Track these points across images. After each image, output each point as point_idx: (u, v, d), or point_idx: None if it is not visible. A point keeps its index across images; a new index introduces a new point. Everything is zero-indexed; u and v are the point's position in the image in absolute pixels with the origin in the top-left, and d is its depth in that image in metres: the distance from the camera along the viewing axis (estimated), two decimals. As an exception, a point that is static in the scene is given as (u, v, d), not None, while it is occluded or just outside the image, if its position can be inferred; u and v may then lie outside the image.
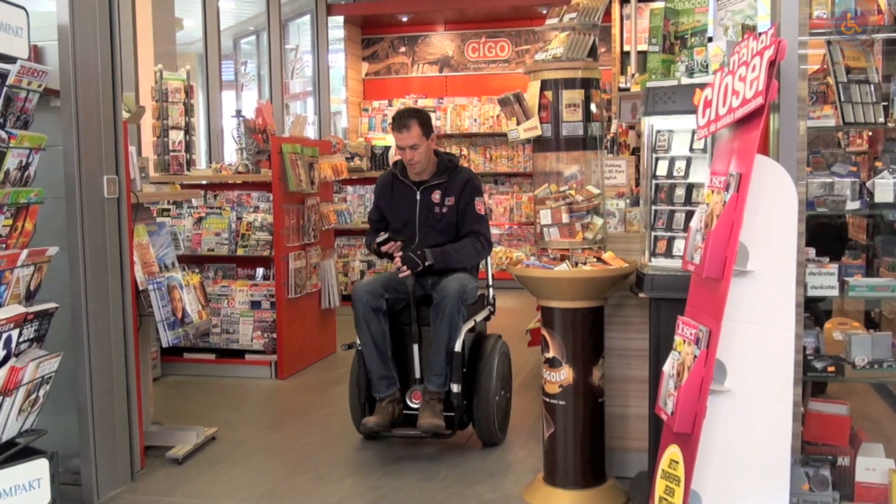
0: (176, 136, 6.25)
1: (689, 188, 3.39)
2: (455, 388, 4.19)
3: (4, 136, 3.03)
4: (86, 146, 3.74)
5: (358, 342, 4.36)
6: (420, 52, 11.25)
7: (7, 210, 3.07)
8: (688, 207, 3.37)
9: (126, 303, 4.00)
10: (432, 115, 10.72)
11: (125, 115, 4.14)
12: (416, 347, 4.36)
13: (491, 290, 4.78)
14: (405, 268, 4.26)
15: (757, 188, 2.64)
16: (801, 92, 2.97)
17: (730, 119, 2.81)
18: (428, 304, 4.35)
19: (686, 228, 3.37)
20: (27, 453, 3.20)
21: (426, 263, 4.29)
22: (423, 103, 10.85)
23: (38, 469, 3.21)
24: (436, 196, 4.47)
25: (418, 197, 4.50)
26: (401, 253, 4.31)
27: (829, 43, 3.26)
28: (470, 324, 4.32)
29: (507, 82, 10.29)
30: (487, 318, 4.69)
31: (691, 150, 3.42)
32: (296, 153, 6.04)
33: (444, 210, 4.46)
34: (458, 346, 4.18)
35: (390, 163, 6.41)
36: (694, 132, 3.40)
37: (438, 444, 4.47)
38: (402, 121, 4.37)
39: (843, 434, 3.17)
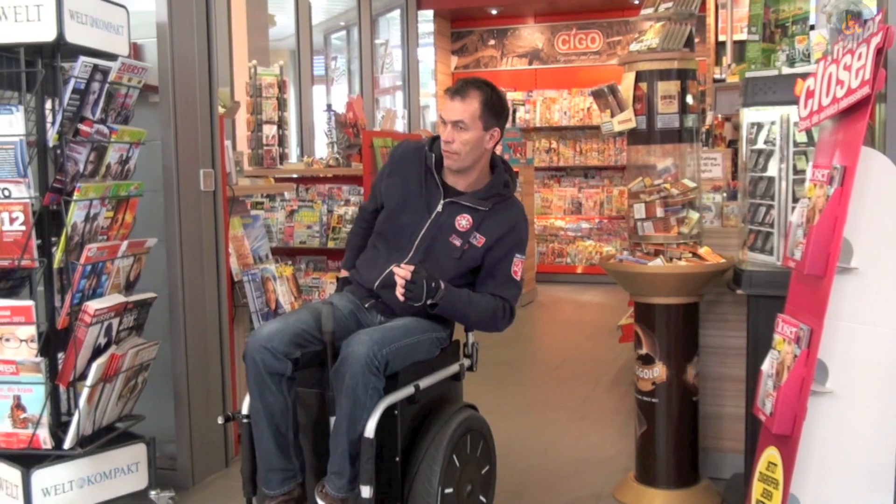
0: (269, 131, 6.35)
1: (769, 182, 3.31)
2: (366, 491, 2.68)
3: (106, 131, 3.12)
4: (183, 140, 3.82)
5: (244, 411, 2.92)
6: (509, 44, 11.20)
7: (108, 203, 3.17)
8: (766, 201, 3.29)
9: (222, 293, 4.08)
10: (521, 109, 10.78)
11: (221, 110, 4.23)
12: (333, 421, 2.82)
13: (471, 336, 3.28)
14: (401, 290, 2.83)
15: (862, 181, 2.54)
16: (911, 81, 2.85)
17: (833, 110, 2.70)
18: None
19: (763, 223, 3.29)
20: (126, 438, 3.30)
21: (429, 302, 2.86)
22: (512, 97, 10.80)
23: (137, 453, 3.32)
24: (462, 221, 3.01)
25: (439, 207, 3.03)
26: (409, 269, 2.83)
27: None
28: (405, 392, 2.85)
29: (597, 74, 10.18)
30: (458, 377, 3.22)
31: (765, 142, 3.33)
32: (386, 147, 6.08)
33: (466, 247, 3.00)
34: (369, 431, 2.68)
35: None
36: (771, 125, 3.31)
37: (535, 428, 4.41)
38: (461, 85, 3.00)
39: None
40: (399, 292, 2.83)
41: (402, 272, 2.82)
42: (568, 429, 4.71)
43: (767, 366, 2.73)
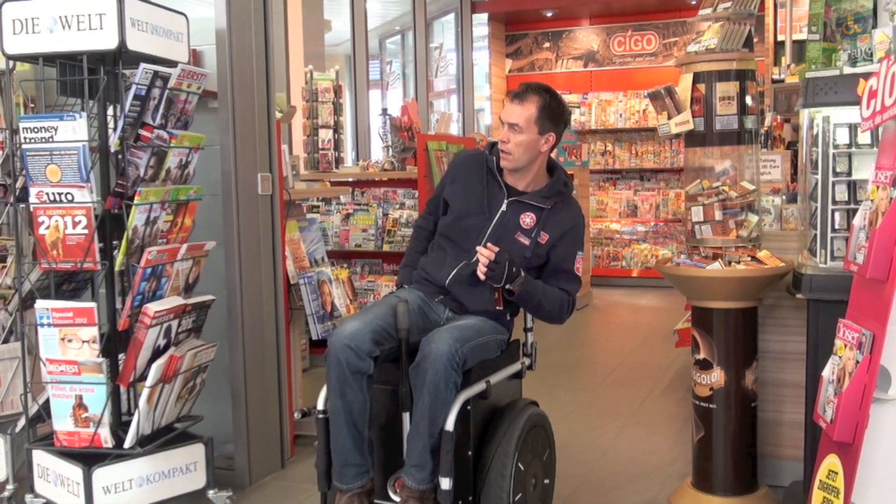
0: (325, 135, 6.40)
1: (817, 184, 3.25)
2: (445, 483, 2.78)
3: (166, 136, 3.18)
4: (241, 145, 3.87)
5: (320, 406, 2.99)
6: (564, 47, 11.15)
7: (168, 206, 3.22)
8: (813, 203, 3.23)
9: (278, 296, 4.13)
10: (576, 111, 10.72)
11: (278, 114, 4.27)
12: (406, 417, 2.93)
13: (530, 335, 3.43)
14: (483, 268, 2.93)
15: (928, 183, 2.48)
16: (979, 80, 2.76)
17: (898, 110, 2.64)
18: None
19: (811, 223, 3.22)
20: (184, 438, 3.35)
21: (507, 286, 2.98)
22: (567, 99, 10.72)
23: (195, 453, 3.36)
24: (526, 219, 3.13)
25: (504, 207, 3.14)
26: (494, 250, 2.93)
27: None
28: (477, 388, 2.95)
29: (653, 76, 10.08)
30: (519, 375, 3.36)
31: (814, 145, 3.26)
32: (441, 150, 6.09)
33: (534, 246, 3.13)
34: (449, 425, 2.79)
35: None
36: (817, 127, 3.25)
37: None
38: (522, 90, 3.11)
39: None
40: (481, 270, 2.94)
41: (486, 252, 2.93)
42: (623, 433, 4.67)
43: (828, 372, 2.67)
